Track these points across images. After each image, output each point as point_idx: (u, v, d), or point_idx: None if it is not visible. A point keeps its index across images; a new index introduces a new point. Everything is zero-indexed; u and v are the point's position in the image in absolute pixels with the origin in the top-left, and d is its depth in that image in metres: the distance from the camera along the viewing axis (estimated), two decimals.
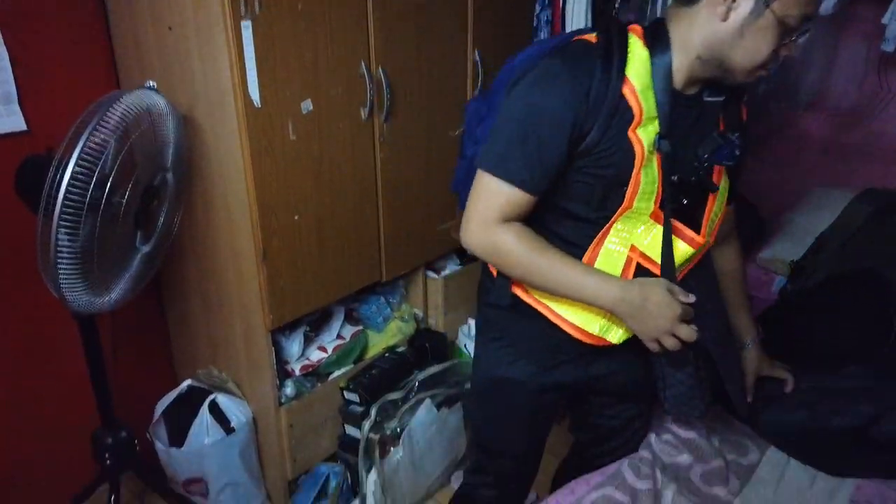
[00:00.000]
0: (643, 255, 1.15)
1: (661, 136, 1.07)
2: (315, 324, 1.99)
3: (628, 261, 1.15)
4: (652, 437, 1.53)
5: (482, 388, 1.40)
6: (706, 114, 1.14)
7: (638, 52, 1.08)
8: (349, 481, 2.01)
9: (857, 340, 1.60)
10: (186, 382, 1.95)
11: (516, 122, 1.08)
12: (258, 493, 2.00)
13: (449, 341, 2.29)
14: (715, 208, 1.20)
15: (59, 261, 1.38)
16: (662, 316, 1.08)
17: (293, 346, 1.91)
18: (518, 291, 1.23)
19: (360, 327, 2.09)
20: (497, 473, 1.48)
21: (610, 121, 1.05)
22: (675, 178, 1.12)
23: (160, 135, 1.54)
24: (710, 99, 1.13)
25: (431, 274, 2.24)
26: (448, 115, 2.05)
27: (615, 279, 1.12)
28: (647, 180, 1.09)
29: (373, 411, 1.91)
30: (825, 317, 1.69)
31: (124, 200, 1.45)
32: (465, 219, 1.14)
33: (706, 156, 1.12)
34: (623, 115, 1.06)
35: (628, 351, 1.22)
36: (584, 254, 1.16)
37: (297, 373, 1.93)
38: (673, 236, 1.14)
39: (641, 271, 1.16)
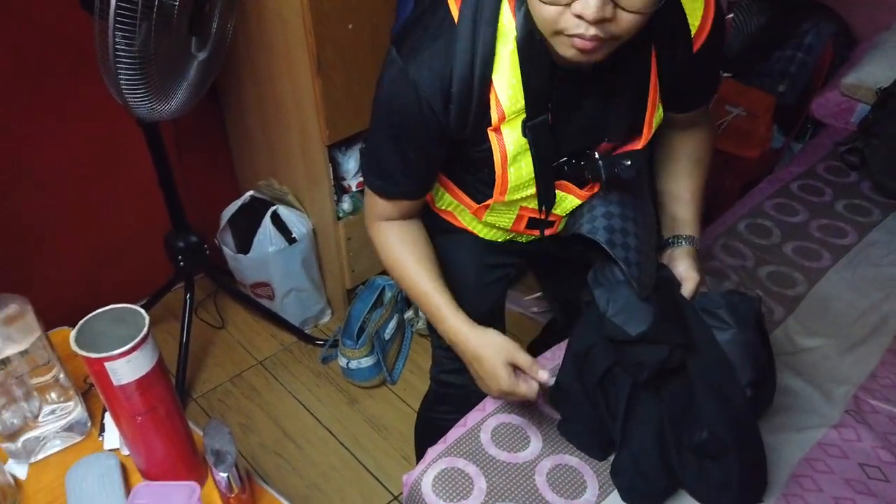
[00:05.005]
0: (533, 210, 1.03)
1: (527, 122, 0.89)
2: None
3: (518, 218, 1.06)
4: None
5: None
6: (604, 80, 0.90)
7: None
8: (403, 293, 2.11)
9: None
10: (249, 193, 2.02)
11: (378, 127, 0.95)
12: (320, 299, 2.14)
13: None
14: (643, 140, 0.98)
15: (119, 65, 1.40)
16: (489, 384, 0.99)
17: (349, 162, 1.93)
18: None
19: None
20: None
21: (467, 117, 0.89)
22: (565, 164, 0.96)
23: None
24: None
25: None
26: None
27: (458, 319, 1.00)
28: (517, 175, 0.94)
29: None
30: None
31: (176, 3, 1.43)
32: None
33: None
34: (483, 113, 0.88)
35: None
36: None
37: (354, 189, 1.97)
38: (561, 192, 0.99)
39: (533, 222, 1.05)
